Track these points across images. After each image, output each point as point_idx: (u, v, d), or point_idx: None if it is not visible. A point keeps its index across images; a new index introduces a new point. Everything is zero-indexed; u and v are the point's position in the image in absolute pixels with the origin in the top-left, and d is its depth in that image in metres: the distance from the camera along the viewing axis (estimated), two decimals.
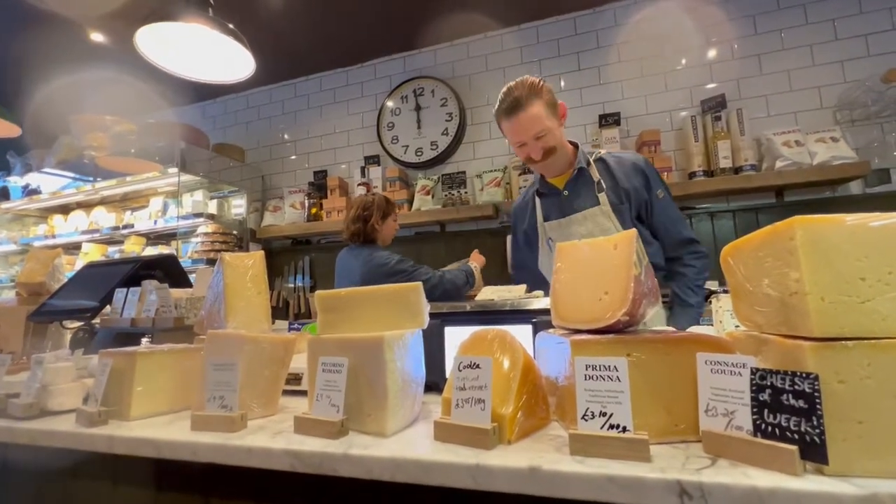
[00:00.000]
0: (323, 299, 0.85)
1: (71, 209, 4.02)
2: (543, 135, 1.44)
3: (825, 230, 0.54)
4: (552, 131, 1.45)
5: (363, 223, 2.28)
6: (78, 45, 3.25)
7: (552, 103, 1.47)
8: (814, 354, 0.52)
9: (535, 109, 1.42)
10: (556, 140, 1.47)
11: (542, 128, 1.43)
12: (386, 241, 2.38)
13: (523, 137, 1.46)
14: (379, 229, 2.30)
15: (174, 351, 0.98)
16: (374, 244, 2.30)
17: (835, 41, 2.58)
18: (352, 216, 2.31)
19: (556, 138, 1.47)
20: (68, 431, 0.84)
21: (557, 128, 1.48)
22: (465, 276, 2.24)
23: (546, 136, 1.45)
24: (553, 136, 1.46)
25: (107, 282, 1.57)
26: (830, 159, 2.34)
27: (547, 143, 1.46)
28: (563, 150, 1.52)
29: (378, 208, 2.30)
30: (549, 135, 1.45)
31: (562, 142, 1.51)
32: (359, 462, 0.64)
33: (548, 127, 1.44)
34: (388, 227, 2.36)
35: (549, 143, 1.46)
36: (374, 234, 2.29)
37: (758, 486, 0.48)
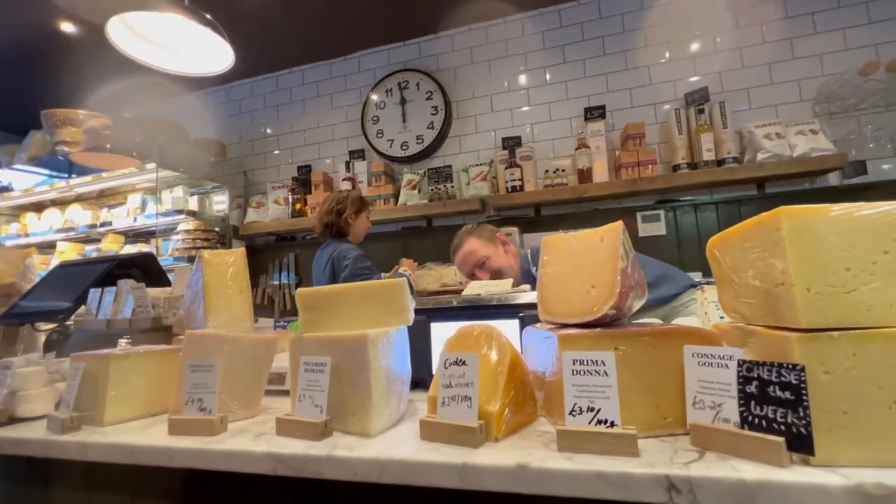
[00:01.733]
0: (304, 297, 0.83)
1: (45, 207, 3.88)
2: (483, 262, 1.76)
3: (811, 221, 0.54)
4: (492, 256, 1.77)
5: (336, 216, 2.32)
6: (49, 36, 3.12)
7: (488, 237, 1.81)
8: (800, 345, 0.51)
9: (470, 245, 1.79)
10: (498, 264, 1.77)
11: (480, 257, 1.76)
12: (358, 238, 2.41)
13: (469, 267, 1.79)
14: (352, 223, 2.33)
15: (150, 353, 0.95)
16: (344, 238, 2.33)
17: (814, 35, 2.61)
18: (325, 209, 2.35)
19: (497, 262, 1.77)
20: (39, 439, 0.81)
21: (497, 252, 1.79)
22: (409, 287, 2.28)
23: (487, 261, 1.76)
24: (494, 260, 1.77)
25: (81, 281, 1.51)
26: (810, 151, 2.38)
27: (491, 266, 1.76)
28: (510, 269, 1.78)
29: (352, 203, 2.34)
30: (490, 260, 1.76)
31: (507, 263, 1.79)
32: (343, 464, 0.62)
33: (485, 254, 1.77)
34: (360, 223, 2.39)
35: (493, 267, 1.76)
36: (346, 228, 2.33)
37: (746, 479, 0.48)
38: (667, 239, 2.69)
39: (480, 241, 1.79)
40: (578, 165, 2.80)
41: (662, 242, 2.69)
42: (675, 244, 2.68)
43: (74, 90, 3.70)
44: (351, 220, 2.33)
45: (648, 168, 2.65)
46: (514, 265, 1.80)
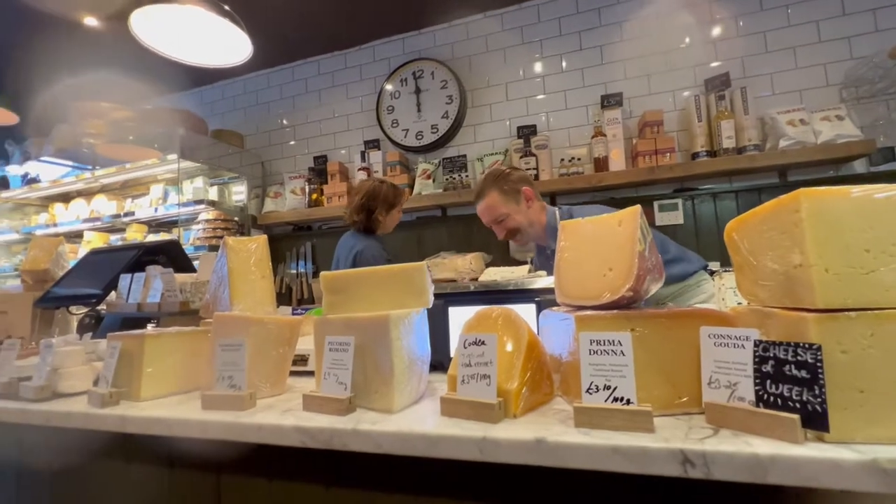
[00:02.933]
0: (328, 280, 0.86)
1: (71, 197, 4.00)
2: (502, 219, 1.65)
3: (830, 202, 0.54)
4: (511, 215, 1.65)
5: (367, 214, 2.25)
6: (73, 31, 3.20)
7: (511, 191, 1.65)
8: (817, 325, 0.52)
9: (490, 200, 1.65)
10: (516, 223, 1.65)
11: (497, 214, 1.65)
12: (387, 230, 2.37)
13: (486, 221, 1.69)
14: (382, 220, 2.28)
15: (182, 333, 0.99)
16: (371, 234, 2.31)
17: (842, 16, 2.52)
18: (357, 204, 2.27)
19: (516, 221, 1.65)
20: (81, 412, 0.86)
21: (518, 210, 1.66)
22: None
23: (505, 220, 1.65)
24: (513, 219, 1.65)
25: (111, 268, 1.57)
26: (835, 138, 2.31)
27: (507, 225, 1.65)
28: (532, 226, 1.67)
29: (384, 201, 2.27)
30: (509, 218, 1.65)
31: (529, 221, 1.67)
32: (368, 437, 0.65)
33: (503, 212, 1.64)
34: (391, 219, 2.34)
35: (509, 226, 1.65)
36: (374, 225, 2.28)
37: (759, 454, 0.49)
38: (684, 228, 2.66)
39: (502, 195, 1.65)
40: (595, 154, 2.78)
41: (680, 231, 2.66)
42: (693, 233, 2.65)
43: (98, 82, 3.79)
44: (381, 218, 2.28)
45: (666, 156, 2.61)
46: (535, 223, 1.67)
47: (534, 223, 1.67)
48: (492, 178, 1.68)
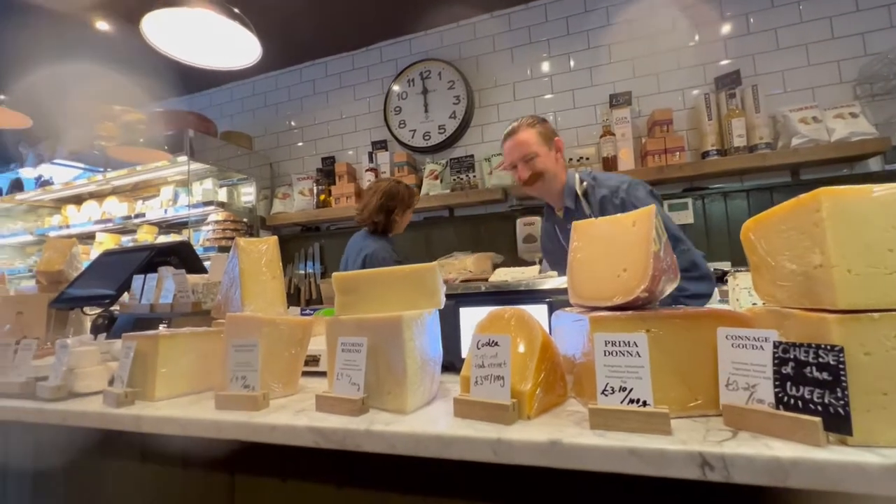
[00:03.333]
0: (340, 281, 0.86)
1: (84, 199, 4.06)
2: (531, 158, 1.59)
3: (852, 201, 0.53)
4: (541, 157, 1.59)
5: (386, 215, 2.24)
6: (84, 35, 3.24)
7: (546, 135, 1.62)
8: (839, 327, 0.51)
9: (526, 135, 1.60)
10: (544, 165, 1.59)
11: (530, 151, 1.58)
12: (399, 231, 2.38)
13: (514, 157, 1.62)
14: (398, 221, 2.29)
15: (195, 334, 1.00)
16: (385, 235, 2.30)
17: (856, 12, 2.48)
18: (375, 206, 2.25)
19: (544, 164, 1.60)
20: (97, 412, 0.87)
21: (548, 155, 1.61)
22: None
23: (534, 159, 1.59)
24: (542, 161, 1.59)
25: (124, 269, 1.59)
26: (849, 135, 2.28)
27: (535, 166, 1.59)
28: (554, 178, 1.62)
29: (402, 202, 2.28)
30: (538, 159, 1.59)
31: (554, 171, 1.61)
32: (381, 438, 0.65)
33: (535, 151, 1.59)
34: (405, 219, 2.35)
35: (536, 167, 1.59)
36: (391, 225, 2.28)
37: (780, 457, 0.49)
38: (694, 227, 2.63)
39: (538, 135, 1.61)
40: (603, 153, 2.76)
41: (690, 231, 2.63)
42: (704, 233, 2.62)
43: (108, 85, 3.83)
44: (398, 218, 2.29)
45: (676, 155, 2.59)
46: (557, 177, 1.64)
47: (557, 176, 1.63)
48: (528, 119, 1.65)
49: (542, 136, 1.61)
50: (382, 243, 2.24)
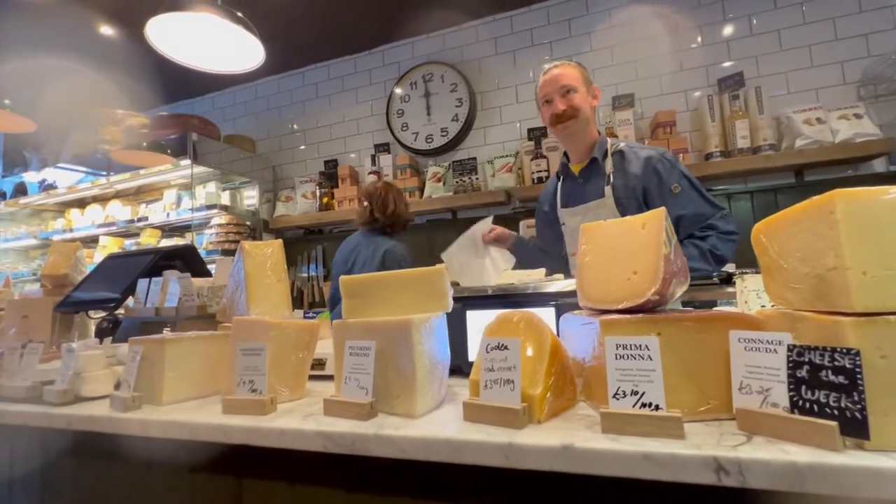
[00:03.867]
0: (348, 284, 0.86)
1: (87, 203, 4.08)
2: (570, 90, 1.53)
3: (867, 203, 0.53)
4: (580, 93, 1.55)
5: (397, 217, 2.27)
6: (88, 39, 3.26)
7: (587, 79, 1.59)
8: (855, 329, 0.51)
9: (569, 70, 1.56)
10: (581, 102, 1.54)
11: (571, 84, 1.54)
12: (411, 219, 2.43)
13: (550, 90, 1.56)
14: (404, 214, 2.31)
15: (201, 338, 1.00)
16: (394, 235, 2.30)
17: (859, 13, 2.48)
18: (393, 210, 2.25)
19: (582, 100, 1.55)
20: (104, 416, 0.86)
21: (586, 96, 1.56)
22: None
23: (573, 93, 1.53)
24: (580, 96, 1.54)
25: (129, 272, 1.59)
26: (853, 136, 2.27)
27: (572, 100, 1.53)
28: (585, 123, 1.57)
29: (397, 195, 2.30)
30: (577, 94, 1.54)
31: (588, 115, 1.57)
32: (391, 442, 0.65)
33: (576, 86, 1.54)
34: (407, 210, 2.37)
35: (574, 101, 1.53)
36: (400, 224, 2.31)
37: (797, 462, 0.48)
38: None
39: (580, 74, 1.58)
40: None
41: None
42: None
43: (113, 89, 3.85)
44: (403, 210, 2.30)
45: (680, 157, 2.58)
46: (590, 122, 1.60)
47: (589, 123, 1.59)
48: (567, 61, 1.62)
49: (584, 77, 1.58)
50: (397, 241, 2.25)
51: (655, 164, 1.50)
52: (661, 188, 1.48)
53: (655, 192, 1.48)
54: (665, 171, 1.49)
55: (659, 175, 1.49)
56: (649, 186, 1.49)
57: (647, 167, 1.50)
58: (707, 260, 1.43)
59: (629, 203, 1.50)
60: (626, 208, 1.50)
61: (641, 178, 1.50)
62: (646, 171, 1.50)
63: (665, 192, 1.48)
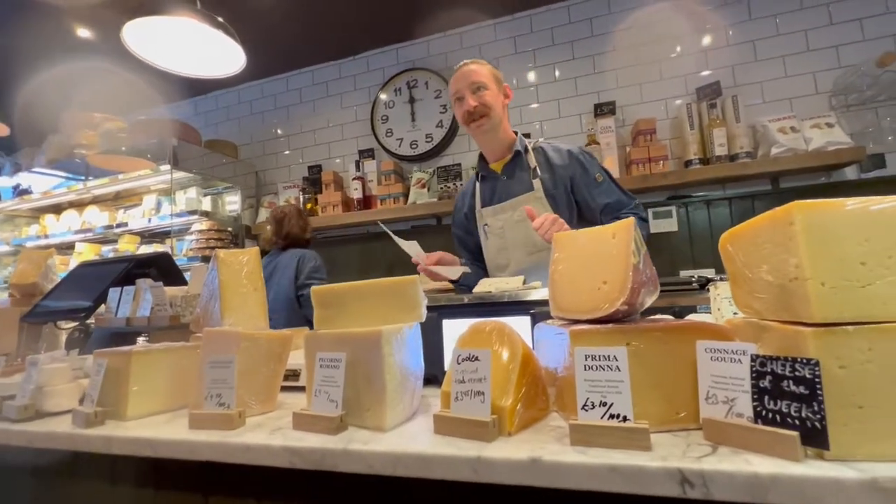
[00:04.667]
0: (319, 295, 0.85)
1: (63, 209, 3.97)
2: (480, 88, 1.52)
3: (825, 215, 0.54)
4: (491, 90, 1.54)
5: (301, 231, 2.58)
6: (65, 42, 3.19)
7: (498, 77, 1.59)
8: (814, 340, 0.51)
9: (480, 67, 1.56)
10: (491, 99, 1.53)
11: (481, 80, 1.53)
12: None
13: (460, 86, 1.55)
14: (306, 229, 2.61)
15: (170, 349, 0.97)
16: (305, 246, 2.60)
17: (830, 26, 2.56)
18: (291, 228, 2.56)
19: (492, 97, 1.54)
20: (65, 433, 0.83)
21: (497, 94, 1.56)
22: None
23: (483, 90, 1.53)
24: (491, 94, 1.53)
25: (100, 281, 1.55)
26: (826, 145, 2.34)
27: (483, 97, 1.52)
28: (498, 122, 1.57)
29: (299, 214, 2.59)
30: (488, 91, 1.53)
31: (500, 113, 1.56)
32: (359, 457, 0.63)
33: (486, 83, 1.53)
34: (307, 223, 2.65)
35: (485, 98, 1.52)
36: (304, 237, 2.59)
37: (759, 473, 0.48)
38: (678, 235, 2.67)
39: (490, 72, 1.57)
40: None
41: (674, 239, 2.67)
42: (688, 240, 2.65)
43: (90, 93, 3.77)
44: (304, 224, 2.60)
45: (659, 164, 2.63)
46: (505, 123, 1.61)
47: (502, 122, 1.59)
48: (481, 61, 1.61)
49: (495, 76, 1.58)
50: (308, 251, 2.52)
51: (578, 155, 1.58)
52: (585, 177, 1.55)
53: (581, 182, 1.55)
54: (587, 163, 1.57)
55: (583, 165, 1.56)
56: (575, 176, 1.55)
57: (571, 158, 1.57)
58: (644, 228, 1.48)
59: (558, 194, 1.55)
60: (556, 199, 1.55)
61: (567, 169, 1.56)
62: (570, 162, 1.57)
63: (590, 181, 1.55)
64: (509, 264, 1.63)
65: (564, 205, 1.55)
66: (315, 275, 2.42)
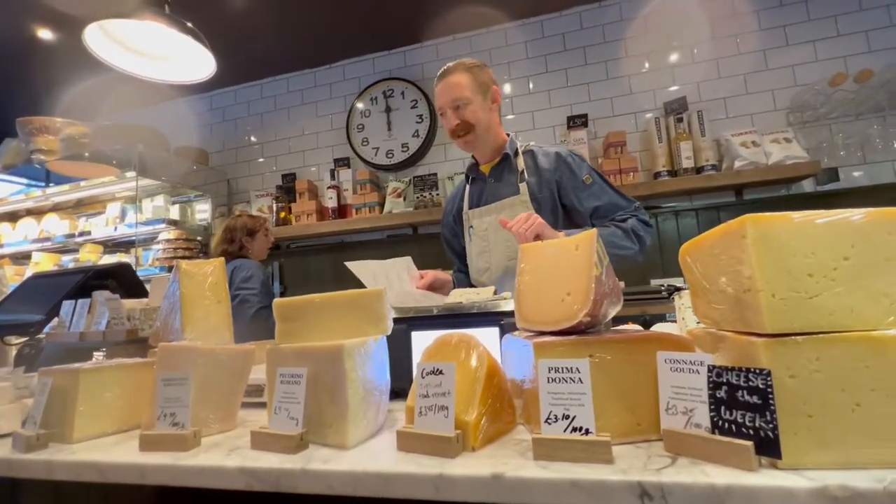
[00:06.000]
0: (281, 307, 0.82)
1: (20, 216, 3.78)
2: (460, 105, 1.46)
3: (775, 227, 0.55)
4: (472, 105, 1.47)
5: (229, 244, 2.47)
6: (25, 43, 3.06)
7: (482, 83, 1.49)
8: (766, 350, 0.52)
9: (459, 79, 1.46)
10: (475, 116, 1.48)
11: (461, 95, 1.46)
12: (261, 256, 2.56)
13: (442, 102, 1.49)
14: (248, 247, 2.48)
15: (123, 366, 0.92)
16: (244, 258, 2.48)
17: (786, 47, 2.70)
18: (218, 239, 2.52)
19: (475, 114, 1.48)
20: (2, 458, 0.77)
21: (481, 105, 1.49)
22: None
23: (464, 107, 1.47)
24: (472, 110, 1.47)
25: (54, 293, 1.47)
26: (784, 159, 2.45)
27: (463, 114, 1.47)
28: (485, 132, 1.52)
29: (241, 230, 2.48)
30: (468, 108, 1.47)
31: (485, 122, 1.51)
32: (318, 477, 0.61)
33: (468, 97, 1.46)
34: (258, 243, 2.52)
35: (466, 115, 1.47)
36: (244, 251, 2.48)
37: (715, 484, 0.48)
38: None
39: (473, 81, 1.48)
40: None
41: None
42: (658, 250, 2.72)
43: (51, 97, 3.63)
44: (248, 244, 2.48)
45: (630, 175, 2.70)
46: (491, 130, 1.54)
47: (490, 129, 1.53)
48: (467, 63, 1.51)
49: (477, 83, 1.48)
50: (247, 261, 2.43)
51: (565, 157, 1.51)
52: (573, 180, 1.48)
53: (568, 184, 1.48)
54: (575, 164, 1.50)
55: (570, 167, 1.50)
56: (561, 179, 1.49)
57: (558, 160, 1.51)
58: (631, 239, 1.42)
59: (543, 198, 1.50)
60: (540, 204, 1.49)
61: (553, 172, 1.50)
62: (557, 165, 1.50)
63: (578, 183, 1.48)
64: (489, 268, 1.61)
65: (549, 209, 1.49)
66: (244, 285, 2.31)
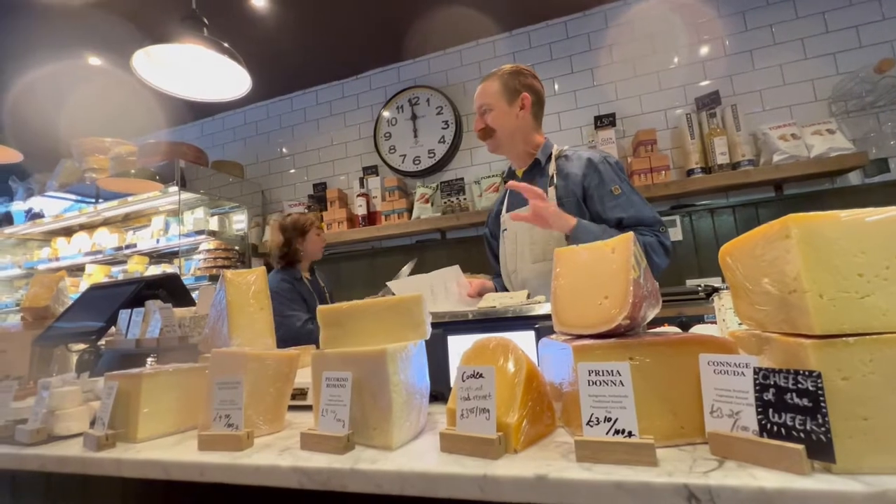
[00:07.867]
0: (325, 314, 0.86)
1: (74, 231, 4.04)
2: (485, 111, 1.51)
3: (820, 227, 0.54)
4: (495, 111, 1.50)
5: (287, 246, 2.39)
6: (77, 69, 3.29)
7: (512, 89, 1.51)
8: (815, 352, 0.51)
9: (487, 85, 1.52)
10: (496, 122, 1.51)
11: (486, 101, 1.51)
12: (315, 257, 2.48)
13: (475, 107, 1.56)
14: (301, 249, 2.40)
15: (179, 371, 0.98)
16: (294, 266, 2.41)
17: (826, 34, 2.59)
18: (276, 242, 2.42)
19: (498, 120, 1.51)
20: (76, 456, 0.84)
21: (505, 111, 1.51)
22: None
23: (488, 113, 1.51)
24: (496, 114, 1.50)
25: (111, 303, 1.57)
26: (828, 151, 2.34)
27: (487, 119, 1.51)
28: (508, 137, 1.53)
29: (294, 229, 2.40)
30: (492, 114, 1.50)
31: (509, 128, 1.52)
32: (367, 477, 0.64)
33: (492, 104, 1.50)
34: (311, 244, 2.43)
35: (488, 121, 1.51)
36: (297, 255, 2.40)
37: (765, 488, 0.48)
38: (683, 244, 2.66)
39: (501, 87, 1.50)
40: None
41: (679, 248, 2.66)
42: (693, 249, 2.65)
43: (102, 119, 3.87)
44: (300, 246, 2.40)
45: (661, 174, 2.64)
46: (517, 135, 1.53)
47: (515, 134, 1.53)
48: (505, 68, 1.54)
49: (505, 89, 1.50)
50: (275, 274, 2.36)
51: (597, 163, 1.46)
52: (600, 188, 1.43)
53: (595, 193, 1.44)
54: (606, 173, 1.45)
55: (600, 174, 1.45)
56: (589, 186, 1.45)
57: (589, 166, 1.46)
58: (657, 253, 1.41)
59: (569, 203, 1.45)
60: (566, 209, 1.43)
61: (581, 178, 1.46)
62: (586, 170, 1.46)
63: (605, 192, 1.43)
64: (517, 270, 1.62)
65: (574, 214, 1.44)
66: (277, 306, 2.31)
